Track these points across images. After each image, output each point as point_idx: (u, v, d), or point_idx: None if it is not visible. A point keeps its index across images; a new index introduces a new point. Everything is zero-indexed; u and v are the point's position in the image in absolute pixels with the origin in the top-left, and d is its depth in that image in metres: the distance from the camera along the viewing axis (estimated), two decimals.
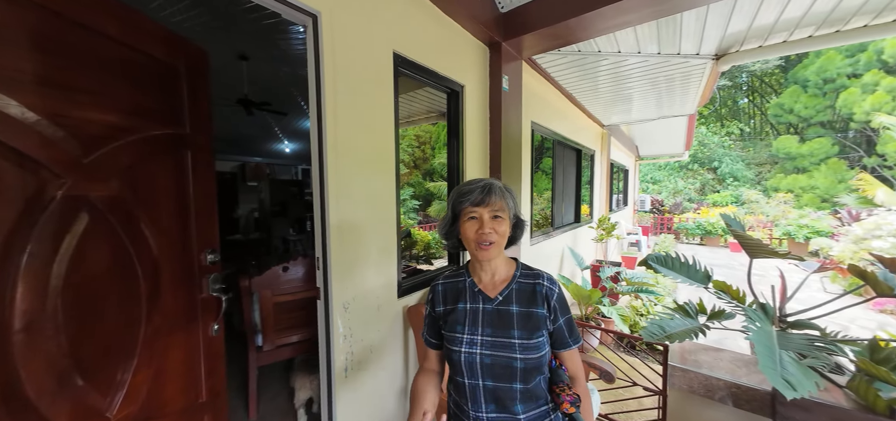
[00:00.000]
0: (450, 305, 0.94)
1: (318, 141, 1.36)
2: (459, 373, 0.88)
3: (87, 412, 1.00)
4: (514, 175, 2.51)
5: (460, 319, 0.90)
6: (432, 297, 0.98)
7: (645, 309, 3.75)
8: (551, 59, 2.94)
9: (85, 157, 0.99)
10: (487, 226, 0.86)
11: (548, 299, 0.89)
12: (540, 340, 0.85)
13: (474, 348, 0.86)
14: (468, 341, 0.87)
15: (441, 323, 0.95)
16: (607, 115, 5.10)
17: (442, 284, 0.98)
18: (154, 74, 1.21)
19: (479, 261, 0.91)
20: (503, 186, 0.90)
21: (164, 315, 1.22)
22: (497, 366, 0.84)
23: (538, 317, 0.87)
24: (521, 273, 0.93)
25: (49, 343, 0.91)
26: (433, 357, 1.00)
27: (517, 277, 0.91)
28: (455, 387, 0.92)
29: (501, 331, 0.86)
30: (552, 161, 3.84)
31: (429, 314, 0.99)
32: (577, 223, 4.66)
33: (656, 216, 12.16)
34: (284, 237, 6.09)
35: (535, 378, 0.86)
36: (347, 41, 1.43)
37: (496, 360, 0.84)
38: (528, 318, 0.87)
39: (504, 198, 0.88)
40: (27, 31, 0.87)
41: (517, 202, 0.93)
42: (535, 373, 0.86)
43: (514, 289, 0.90)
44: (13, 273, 0.84)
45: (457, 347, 0.88)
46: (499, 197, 0.87)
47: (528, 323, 0.87)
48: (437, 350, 0.99)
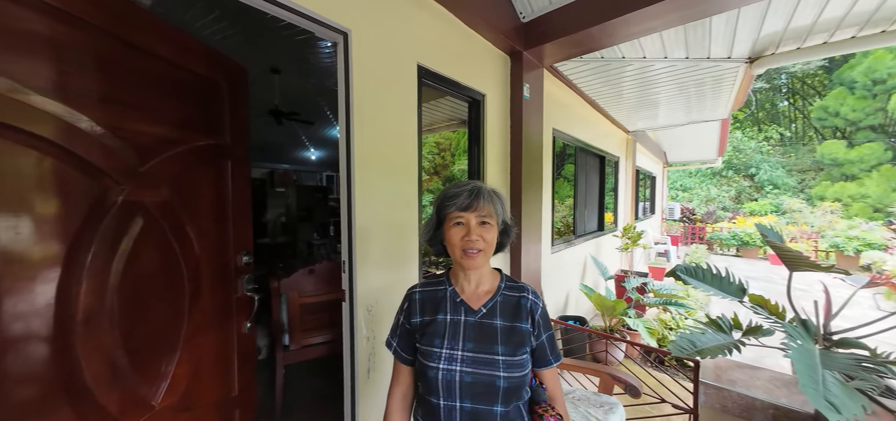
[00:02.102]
0: (428, 316, 0.85)
1: (346, 150, 1.42)
2: (434, 393, 0.79)
3: (135, 400, 1.09)
4: (534, 182, 2.50)
5: (439, 332, 0.82)
6: (408, 306, 0.90)
7: (674, 323, 3.58)
8: (573, 66, 2.92)
9: (140, 166, 1.09)
10: (474, 232, 0.80)
11: (532, 314, 0.84)
12: (524, 358, 0.80)
13: (454, 365, 0.78)
14: (447, 357, 0.79)
15: (417, 336, 0.86)
16: (632, 121, 4.96)
17: (419, 293, 0.90)
18: (199, 90, 1.31)
19: (464, 269, 0.85)
20: (492, 190, 0.85)
21: (204, 312, 1.31)
22: (478, 384, 0.77)
23: (522, 332, 0.82)
24: (506, 285, 0.88)
25: (105, 335, 1.00)
26: (405, 374, 0.90)
27: (502, 289, 0.86)
28: (426, 410, 0.82)
29: (484, 346, 0.79)
30: (574, 168, 3.78)
31: (401, 325, 0.90)
32: (601, 231, 4.54)
33: (687, 225, 11.61)
34: (309, 241, 6.30)
35: (516, 400, 0.80)
36: (374, 56, 1.50)
37: (478, 378, 0.77)
38: (512, 333, 0.81)
39: (492, 203, 0.83)
40: (94, 54, 0.97)
41: (506, 207, 0.88)
42: (518, 393, 0.80)
43: (499, 301, 0.84)
44: (79, 270, 0.93)
45: (434, 362, 0.79)
46: (487, 201, 0.81)
47: (513, 338, 0.81)
48: (410, 366, 0.90)
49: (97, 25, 0.97)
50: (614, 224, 5.15)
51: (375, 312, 1.54)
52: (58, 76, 0.88)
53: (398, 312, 0.94)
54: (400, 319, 0.92)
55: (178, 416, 1.23)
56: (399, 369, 0.91)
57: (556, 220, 3.46)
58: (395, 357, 0.92)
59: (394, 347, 0.92)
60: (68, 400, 0.92)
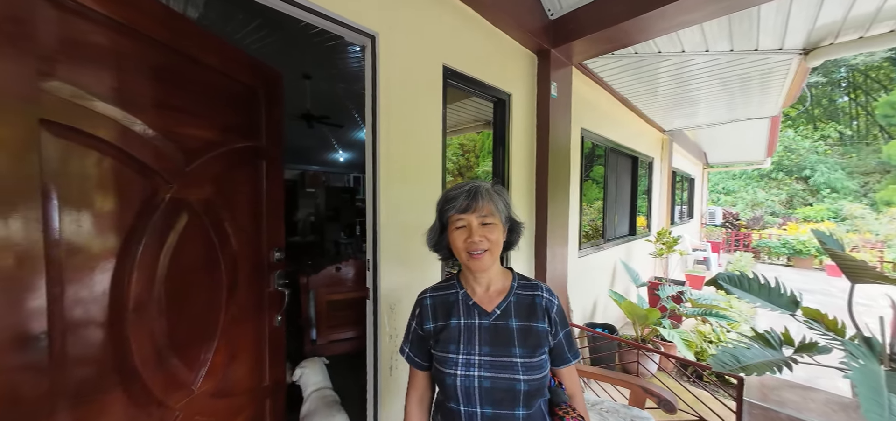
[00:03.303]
0: (441, 322, 0.83)
1: (372, 151, 1.46)
2: (454, 399, 0.77)
3: (177, 384, 1.17)
4: (561, 183, 2.43)
5: (454, 337, 0.79)
6: (419, 312, 0.88)
7: (715, 335, 3.34)
8: (604, 63, 2.80)
9: (187, 166, 1.17)
10: (477, 234, 0.77)
11: (548, 312, 0.82)
12: (543, 358, 0.78)
13: (472, 370, 0.76)
14: (464, 363, 0.77)
15: (430, 342, 0.84)
16: (668, 120, 4.70)
17: (430, 298, 0.87)
18: (239, 95, 1.39)
19: (472, 272, 0.82)
20: (492, 188, 0.82)
21: (239, 304, 1.38)
22: (498, 390, 0.75)
23: (539, 332, 0.80)
24: (518, 284, 0.85)
25: (153, 323, 1.08)
26: (421, 379, 0.89)
27: (515, 288, 0.84)
28: (447, 416, 0.80)
29: (501, 349, 0.77)
30: (604, 169, 3.63)
31: (414, 331, 0.89)
32: (632, 236, 4.33)
33: (730, 231, 10.80)
34: (336, 240, 6.52)
35: (537, 402, 0.78)
36: (401, 58, 1.52)
37: (496, 383, 0.75)
38: (528, 333, 0.79)
39: (493, 201, 0.80)
40: (150, 63, 1.06)
41: (510, 203, 0.84)
42: (538, 396, 0.78)
43: (513, 301, 0.82)
44: (131, 262, 1.02)
45: (451, 369, 0.77)
46: (487, 200, 0.78)
47: (529, 339, 0.79)
48: (426, 371, 0.88)
49: (154, 38, 1.06)
50: (647, 228, 4.90)
51: (398, 312, 1.55)
52: (118, 84, 0.97)
53: (410, 318, 0.92)
54: (412, 325, 0.90)
55: (215, 401, 1.31)
56: (415, 374, 0.90)
57: (583, 223, 3.35)
58: (409, 364, 0.91)
59: (407, 353, 0.90)
60: (120, 381, 1.00)
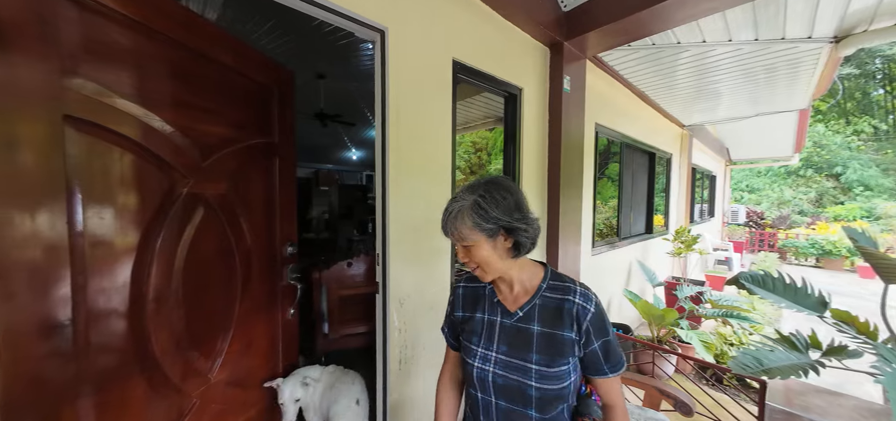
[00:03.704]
0: (468, 312, 0.87)
1: (381, 146, 1.46)
2: (472, 385, 0.83)
3: (194, 372, 1.21)
4: (574, 180, 2.38)
5: (477, 330, 0.83)
6: (453, 299, 0.92)
7: (736, 338, 3.22)
8: (620, 56, 2.72)
9: (203, 161, 1.20)
10: (462, 256, 0.77)
11: (578, 320, 0.74)
12: (563, 369, 0.74)
13: (487, 365, 0.79)
14: (482, 356, 0.80)
15: (459, 329, 0.90)
16: (688, 115, 4.53)
17: (462, 288, 0.91)
18: (253, 93, 1.42)
19: None
20: (462, 208, 0.73)
21: (253, 297, 1.42)
22: (509, 388, 0.76)
23: (563, 341, 0.74)
24: (548, 285, 0.79)
25: (171, 313, 1.12)
26: (454, 357, 0.96)
27: (542, 291, 0.79)
28: (469, 398, 0.87)
29: (518, 352, 0.77)
30: (619, 165, 3.54)
31: (449, 315, 0.95)
32: (649, 234, 4.20)
33: (754, 231, 10.37)
34: (349, 238, 6.61)
35: (555, 408, 0.76)
36: (411, 52, 1.52)
37: (509, 382, 0.76)
38: (550, 341, 0.75)
39: (465, 222, 0.73)
40: (169, 62, 1.09)
41: (497, 209, 0.72)
42: (556, 403, 0.75)
43: (538, 304, 0.78)
44: (151, 253, 1.05)
45: (470, 359, 0.82)
46: (458, 224, 0.73)
47: (551, 347, 0.75)
48: (458, 351, 0.94)
49: (171, 36, 1.09)
50: (665, 227, 4.75)
51: (407, 306, 1.56)
52: (137, 81, 1.00)
53: (448, 302, 0.98)
54: (448, 310, 0.96)
55: (230, 390, 1.34)
56: (449, 352, 0.98)
57: (598, 221, 3.28)
58: (446, 342, 0.98)
59: (445, 332, 0.98)
60: (140, 368, 1.04)
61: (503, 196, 0.73)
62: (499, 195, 0.73)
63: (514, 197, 0.75)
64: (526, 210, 0.76)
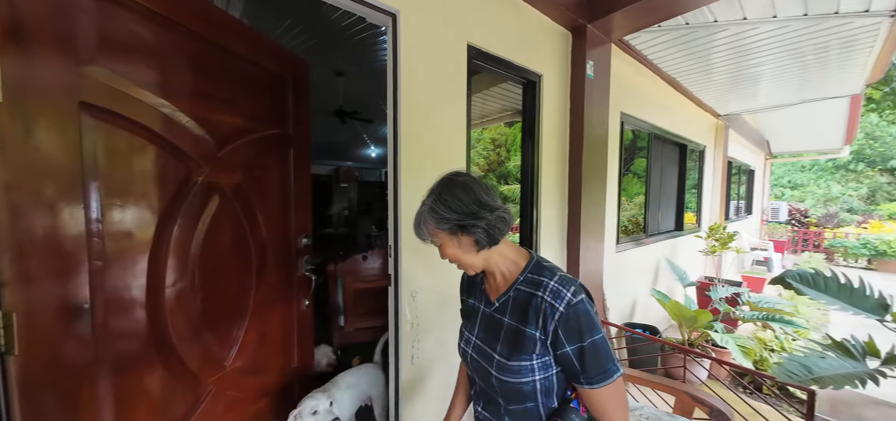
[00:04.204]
0: (465, 297, 0.94)
1: (393, 135, 1.43)
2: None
3: (211, 359, 1.23)
4: (597, 172, 2.25)
5: (469, 314, 0.90)
6: (461, 285, 0.99)
7: (777, 343, 2.98)
8: (649, 39, 2.55)
9: (218, 151, 1.21)
10: (441, 255, 0.81)
11: (544, 318, 0.70)
12: (522, 365, 0.72)
13: (468, 348, 0.85)
14: (466, 338, 0.87)
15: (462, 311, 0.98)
16: (724, 103, 4.22)
17: (466, 275, 0.95)
18: (267, 83, 1.43)
19: None
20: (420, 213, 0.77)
21: (269, 286, 1.43)
22: (481, 372, 0.82)
23: (525, 337, 0.72)
24: (524, 278, 0.77)
25: (188, 300, 1.14)
26: None
27: (518, 283, 0.77)
28: None
29: (488, 340, 0.80)
30: (647, 158, 3.34)
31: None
32: (678, 231, 3.96)
33: (797, 230, 9.63)
34: (368, 233, 6.70)
35: (520, 402, 0.75)
36: (423, 37, 1.47)
37: (479, 366, 0.82)
38: (515, 335, 0.74)
39: (427, 224, 0.76)
40: (182, 50, 1.10)
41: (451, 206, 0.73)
42: (518, 397, 0.74)
43: (511, 297, 0.77)
44: (167, 241, 1.07)
45: (461, 339, 0.90)
46: (423, 227, 0.77)
47: (513, 341, 0.74)
48: None
49: (187, 26, 1.10)
50: (697, 224, 4.46)
51: (419, 299, 1.52)
52: (152, 70, 1.01)
53: None
54: None
55: (246, 378, 1.36)
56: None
57: (622, 218, 3.11)
58: None
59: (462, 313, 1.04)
60: (158, 354, 1.06)
61: (455, 194, 0.74)
62: (449, 195, 0.74)
63: (469, 193, 0.74)
64: (485, 202, 0.74)
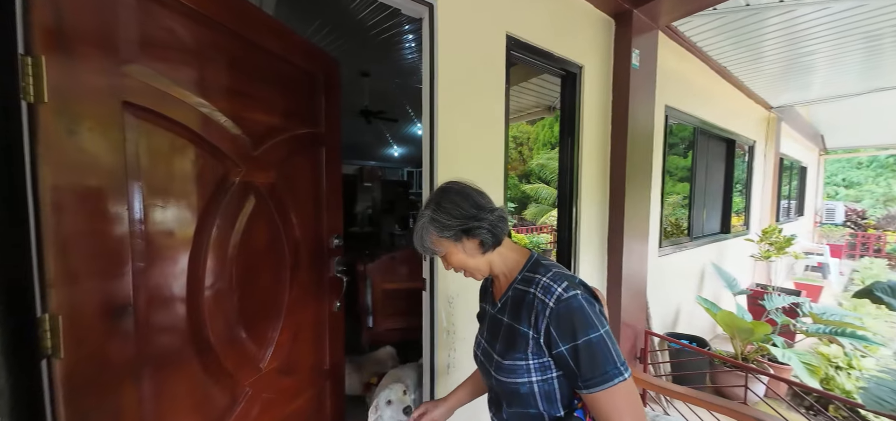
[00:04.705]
0: (480, 302, 0.96)
1: (429, 130, 1.36)
2: None
3: (247, 360, 1.21)
4: (642, 171, 2.09)
5: (480, 317, 0.93)
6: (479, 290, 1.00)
7: (845, 359, 2.68)
8: (699, 24, 2.33)
9: (254, 150, 1.20)
10: (445, 267, 0.83)
11: (535, 315, 0.69)
12: (517, 364, 0.72)
13: (477, 350, 0.88)
14: (476, 341, 0.90)
15: None
16: (777, 93, 3.87)
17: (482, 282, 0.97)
18: (300, 82, 1.40)
19: None
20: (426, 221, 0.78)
21: (302, 287, 1.40)
22: (485, 373, 0.83)
23: (518, 334, 0.73)
24: (522, 277, 0.77)
25: (225, 300, 1.13)
26: None
27: (516, 282, 0.78)
28: None
29: (491, 340, 0.82)
30: (692, 155, 3.10)
31: None
32: (724, 234, 3.66)
33: (856, 233, 8.78)
34: (391, 232, 6.73)
35: (520, 406, 0.74)
36: (461, 27, 1.40)
37: (484, 368, 0.85)
38: (510, 333, 0.75)
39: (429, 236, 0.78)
40: (223, 51, 1.09)
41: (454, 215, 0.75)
42: (517, 400, 0.74)
43: (510, 296, 0.79)
44: (206, 240, 1.06)
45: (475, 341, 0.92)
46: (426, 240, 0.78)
47: (508, 339, 0.75)
48: None
49: (223, 23, 1.08)
50: (745, 227, 4.11)
51: (456, 305, 1.45)
52: (192, 69, 1.00)
53: None
54: None
55: (280, 379, 1.34)
56: None
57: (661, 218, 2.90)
58: None
59: None
60: (196, 354, 1.05)
61: (454, 201, 0.76)
62: (448, 203, 0.76)
63: (467, 198, 0.77)
64: (483, 205, 0.77)
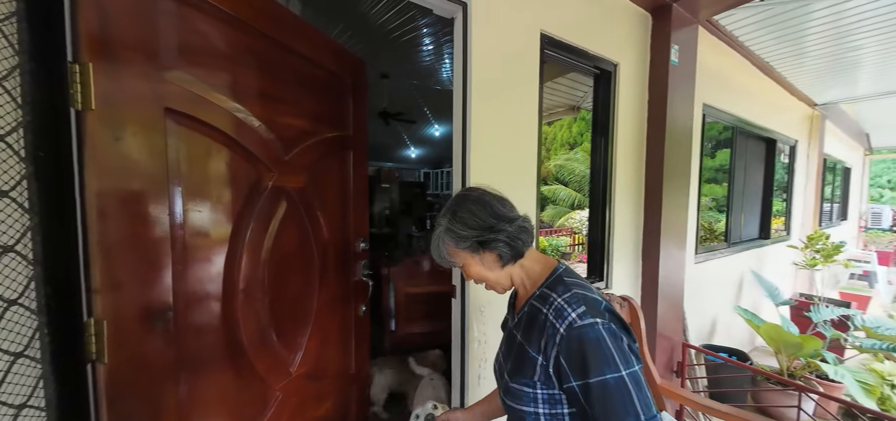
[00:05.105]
0: (507, 312, 0.91)
1: (461, 131, 1.33)
2: None
3: (277, 365, 1.21)
4: (680, 173, 1.98)
5: (503, 326, 0.88)
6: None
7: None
8: (743, 17, 2.19)
9: (285, 154, 1.19)
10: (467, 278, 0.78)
11: (545, 339, 0.62)
12: (523, 389, 0.66)
13: (496, 363, 0.84)
14: (497, 352, 0.85)
15: None
16: (821, 90, 3.61)
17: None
18: (329, 85, 1.40)
19: None
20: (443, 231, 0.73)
21: (330, 291, 1.39)
22: (499, 390, 0.79)
23: (527, 358, 0.66)
24: (540, 292, 0.70)
25: (258, 304, 1.12)
26: None
27: (534, 297, 0.71)
28: None
29: (505, 357, 0.78)
30: (730, 155, 2.93)
31: None
32: (764, 240, 3.44)
33: None
34: (408, 233, 6.74)
35: None
36: (495, 26, 1.36)
37: (497, 383, 0.81)
38: (519, 354, 0.69)
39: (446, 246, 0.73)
40: (256, 55, 1.09)
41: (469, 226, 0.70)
42: None
43: (526, 312, 0.72)
44: (241, 244, 1.06)
45: None
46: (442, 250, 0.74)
47: (517, 361, 0.70)
48: None
49: (257, 28, 1.08)
50: (786, 232, 3.85)
51: (488, 314, 1.40)
52: (228, 74, 1.00)
53: None
54: None
55: (309, 384, 1.33)
56: None
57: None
58: None
59: None
60: (230, 356, 1.05)
61: (471, 210, 0.71)
62: (464, 212, 0.72)
63: (484, 207, 0.71)
64: (502, 214, 0.72)
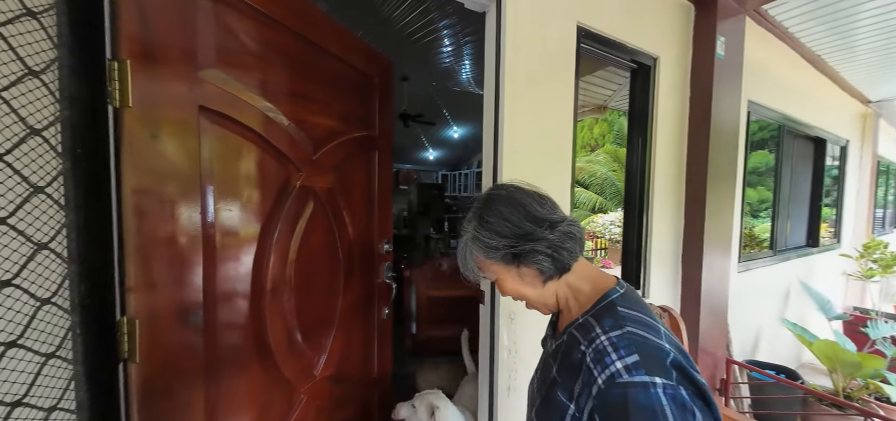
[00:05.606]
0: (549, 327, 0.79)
1: (493, 131, 1.27)
2: None
3: (303, 367, 1.19)
4: (725, 175, 1.83)
5: (543, 343, 0.79)
6: None
7: None
8: (793, 7, 2.02)
9: (313, 154, 1.17)
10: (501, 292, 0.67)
11: (581, 387, 0.52)
12: None
13: (531, 385, 0.73)
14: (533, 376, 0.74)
15: None
16: (875, 85, 3.32)
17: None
18: (357, 84, 1.38)
19: None
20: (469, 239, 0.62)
21: (354, 293, 1.37)
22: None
23: (556, 403, 0.56)
24: (584, 319, 0.58)
25: (284, 305, 1.11)
26: None
27: (576, 323, 0.59)
28: None
29: (538, 387, 0.67)
30: (776, 156, 2.72)
31: None
32: (812, 248, 3.18)
33: None
34: (426, 235, 6.71)
35: None
36: (529, 18, 1.30)
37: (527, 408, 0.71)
38: (549, 392, 0.59)
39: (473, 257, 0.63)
40: (288, 55, 1.07)
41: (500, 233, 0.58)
42: None
43: (564, 340, 0.61)
44: (269, 244, 1.04)
45: None
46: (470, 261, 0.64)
47: (547, 400, 0.59)
48: None
49: (289, 27, 1.07)
50: (835, 239, 3.55)
51: (519, 322, 1.33)
52: (260, 73, 1.00)
53: None
54: None
55: (333, 387, 1.31)
56: None
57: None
58: None
59: None
60: (257, 357, 1.04)
61: (500, 213, 0.59)
62: (493, 216, 0.59)
63: (518, 209, 0.59)
64: (541, 216, 0.58)
